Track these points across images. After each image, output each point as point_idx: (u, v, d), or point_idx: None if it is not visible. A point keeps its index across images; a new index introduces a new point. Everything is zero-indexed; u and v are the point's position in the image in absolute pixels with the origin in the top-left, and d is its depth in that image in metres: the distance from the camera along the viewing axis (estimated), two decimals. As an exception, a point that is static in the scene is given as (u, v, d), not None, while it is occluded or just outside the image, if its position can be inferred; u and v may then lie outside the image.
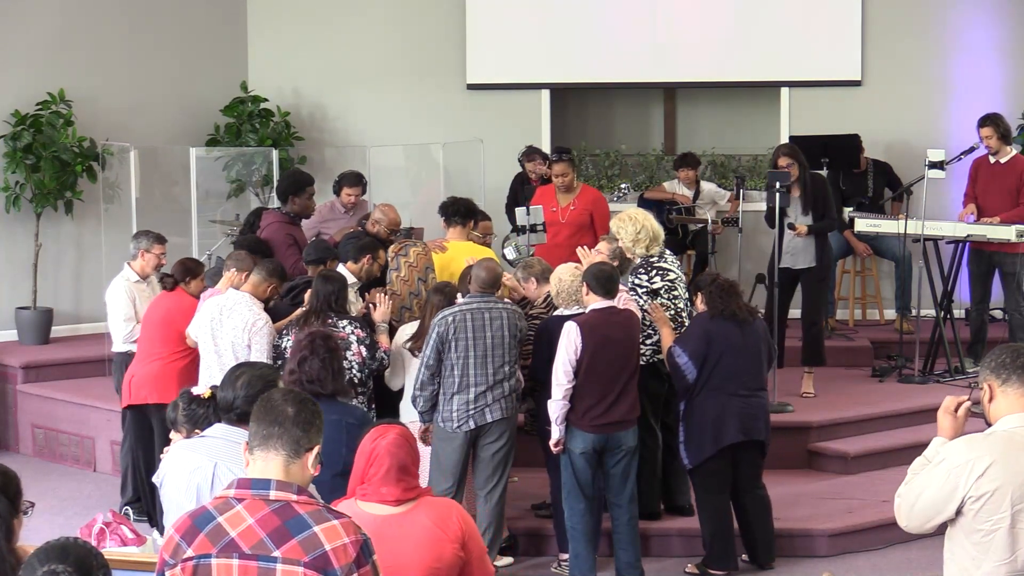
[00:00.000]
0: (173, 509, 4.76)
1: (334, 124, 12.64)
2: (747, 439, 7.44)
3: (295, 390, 3.92)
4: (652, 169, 12.60)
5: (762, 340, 7.57)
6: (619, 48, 12.31)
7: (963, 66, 12.04)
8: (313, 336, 6.34)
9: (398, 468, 4.46)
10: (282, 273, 7.83)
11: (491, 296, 7.39)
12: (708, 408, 7.40)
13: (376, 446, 4.50)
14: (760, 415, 7.54)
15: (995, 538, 4.11)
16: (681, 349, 7.41)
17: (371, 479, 4.48)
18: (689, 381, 7.40)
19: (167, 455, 5.03)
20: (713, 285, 7.52)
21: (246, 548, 3.51)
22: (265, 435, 3.65)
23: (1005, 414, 4.20)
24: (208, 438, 4.78)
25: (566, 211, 9.44)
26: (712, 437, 7.39)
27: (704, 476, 7.48)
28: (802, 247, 9.52)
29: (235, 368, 4.93)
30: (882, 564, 7.80)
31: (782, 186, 9.33)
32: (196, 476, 4.71)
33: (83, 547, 3.35)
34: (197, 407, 5.19)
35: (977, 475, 4.10)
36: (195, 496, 4.67)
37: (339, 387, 6.19)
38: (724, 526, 7.53)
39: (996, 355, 4.26)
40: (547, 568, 7.73)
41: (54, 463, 10.06)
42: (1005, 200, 10.20)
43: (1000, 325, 10.85)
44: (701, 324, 7.48)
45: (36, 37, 11.31)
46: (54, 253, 11.36)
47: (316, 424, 3.69)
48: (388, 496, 4.44)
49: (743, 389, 7.44)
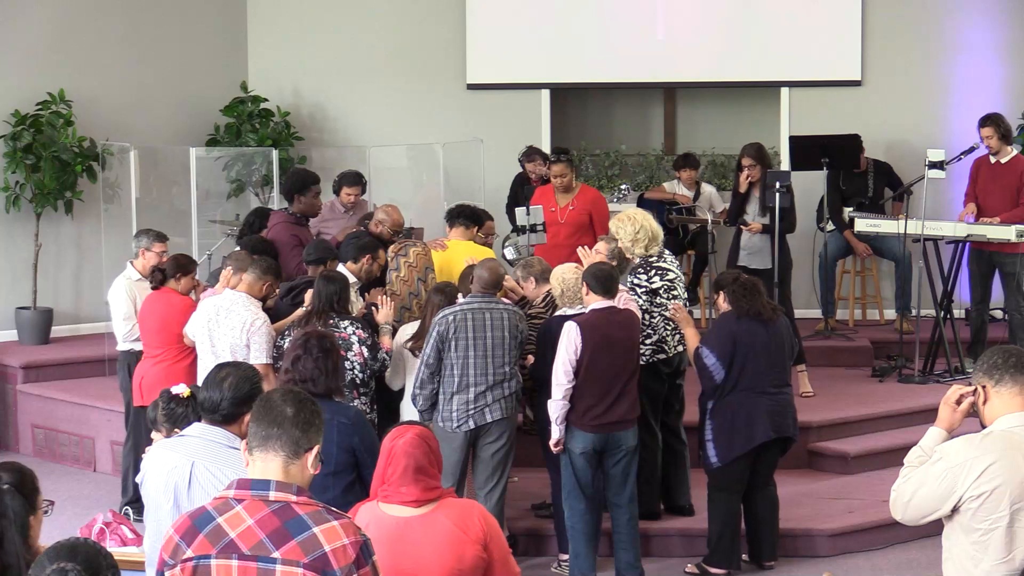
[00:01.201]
0: (152, 508, 4.78)
1: (334, 124, 12.64)
2: (778, 436, 7.46)
3: (295, 389, 3.90)
4: (652, 169, 12.60)
5: (786, 337, 7.59)
6: (619, 48, 12.31)
7: (963, 66, 12.04)
8: (308, 335, 6.34)
9: (415, 468, 4.46)
10: (277, 271, 7.80)
11: (492, 296, 7.40)
12: (739, 407, 7.40)
13: (394, 446, 4.50)
14: (788, 412, 7.57)
15: (993, 537, 4.12)
16: (709, 350, 7.41)
17: (390, 479, 4.48)
18: (717, 381, 7.40)
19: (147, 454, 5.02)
20: (736, 284, 7.52)
21: (245, 549, 3.51)
22: (264, 436, 3.64)
23: (1001, 414, 4.22)
24: (186, 437, 4.78)
25: (565, 211, 9.44)
26: (744, 436, 7.39)
27: (725, 474, 7.47)
28: (759, 247, 9.63)
29: (219, 368, 4.90)
30: (882, 564, 7.80)
31: (782, 186, 9.35)
32: (174, 475, 4.70)
33: (92, 547, 3.38)
34: (176, 406, 5.20)
35: (976, 475, 4.12)
36: (172, 495, 4.66)
37: (332, 386, 6.18)
38: (733, 525, 7.54)
39: (988, 357, 4.29)
40: (547, 568, 7.73)
41: (54, 463, 10.06)
42: (1005, 200, 10.20)
43: (1000, 325, 10.85)
44: (727, 324, 7.47)
45: (36, 37, 11.32)
46: (54, 253, 11.36)
47: (315, 424, 3.68)
48: (408, 496, 4.44)
49: (771, 387, 7.45)
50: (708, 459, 7.51)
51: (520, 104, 12.43)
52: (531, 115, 12.42)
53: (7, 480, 3.86)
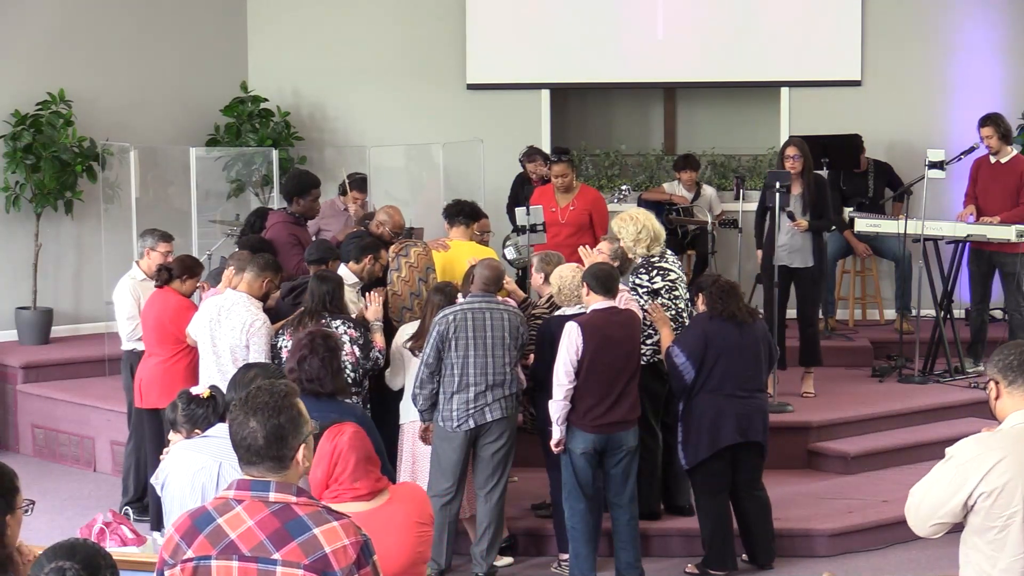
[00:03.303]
0: (177, 509, 4.77)
1: (334, 124, 12.64)
2: (744, 440, 7.44)
3: (257, 395, 3.60)
4: (652, 169, 12.60)
5: (762, 341, 7.56)
6: (619, 48, 12.32)
7: (963, 66, 12.04)
8: (313, 335, 6.35)
9: (365, 460, 4.54)
10: (275, 266, 7.79)
11: (492, 296, 7.40)
12: (705, 409, 7.39)
13: (337, 444, 4.58)
14: (758, 416, 7.51)
15: (1009, 534, 4.15)
16: (679, 349, 7.41)
17: (339, 478, 4.54)
18: (687, 381, 7.40)
19: (167, 456, 5.02)
20: (714, 286, 7.52)
21: (246, 550, 3.51)
22: (247, 460, 3.56)
23: (1012, 411, 4.24)
24: (211, 438, 4.79)
25: (565, 211, 9.44)
26: (709, 438, 7.38)
27: (702, 477, 7.48)
28: (800, 246, 9.52)
29: (246, 369, 4.93)
30: (882, 564, 7.80)
31: (782, 186, 9.33)
32: (201, 476, 4.71)
33: (91, 546, 3.39)
34: (196, 407, 5.19)
35: (986, 469, 4.14)
36: (200, 495, 4.68)
37: (339, 386, 6.21)
38: (723, 527, 7.53)
39: (1004, 355, 4.28)
40: (547, 568, 7.74)
41: (54, 463, 10.06)
42: (1006, 200, 10.20)
43: (1000, 325, 10.85)
44: (700, 324, 7.48)
45: (36, 37, 11.31)
46: (54, 253, 11.36)
47: (291, 428, 3.55)
48: (361, 490, 4.51)
49: (741, 390, 7.43)
50: (681, 461, 7.55)
51: (520, 104, 12.43)
52: (531, 115, 12.41)
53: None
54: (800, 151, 9.47)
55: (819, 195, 9.50)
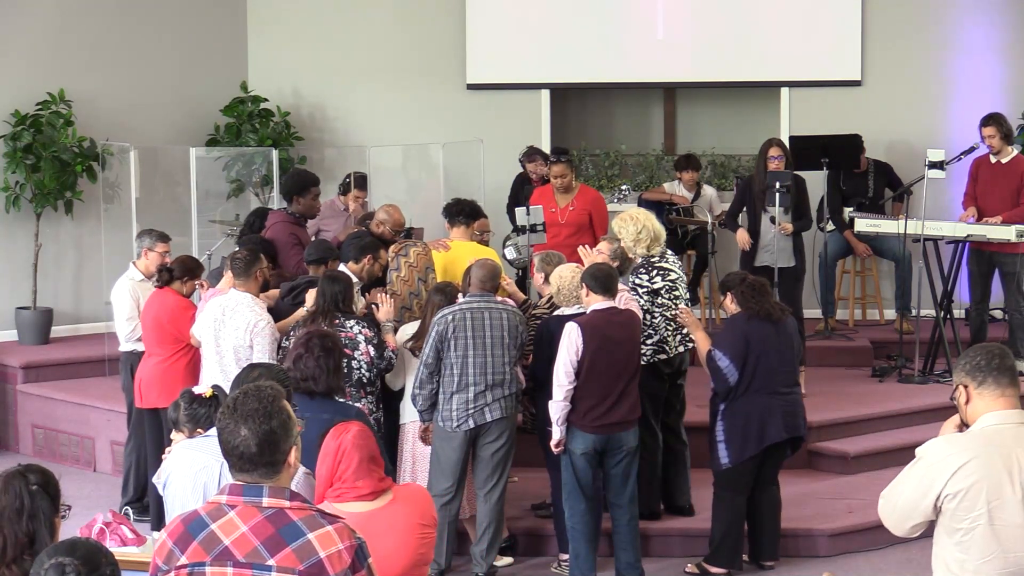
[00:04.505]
0: (178, 508, 4.77)
1: (334, 124, 12.64)
2: (790, 436, 7.47)
3: (245, 401, 3.54)
4: (652, 169, 12.60)
5: (794, 336, 7.60)
6: (619, 48, 12.31)
7: (963, 66, 12.04)
8: (310, 335, 6.36)
9: (368, 460, 4.53)
10: (257, 257, 7.77)
11: (491, 296, 7.39)
12: (752, 408, 7.39)
13: (341, 442, 4.57)
14: (799, 411, 7.59)
15: (974, 536, 4.12)
16: (722, 352, 7.40)
17: (343, 476, 4.53)
18: (732, 383, 7.38)
19: (169, 455, 5.02)
20: (744, 285, 7.52)
21: (240, 556, 3.47)
22: (240, 468, 3.53)
23: (982, 414, 4.22)
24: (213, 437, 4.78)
25: (565, 211, 9.44)
26: (757, 436, 7.39)
27: (734, 475, 7.46)
28: (783, 245, 9.58)
29: (251, 368, 4.93)
30: (882, 564, 7.80)
31: (782, 186, 9.35)
32: (203, 475, 4.72)
33: (92, 544, 3.41)
34: (199, 407, 5.20)
35: (953, 470, 4.11)
36: (202, 495, 4.69)
37: (334, 385, 6.19)
38: (738, 525, 7.54)
39: (970, 357, 4.26)
40: (547, 568, 7.74)
41: (54, 463, 10.03)
42: (1006, 200, 10.20)
43: (1000, 325, 10.85)
44: (739, 325, 7.47)
45: (36, 37, 11.31)
46: (54, 253, 11.35)
47: (283, 432, 3.51)
48: (364, 489, 4.50)
49: (782, 387, 7.46)
50: (718, 460, 7.49)
51: (520, 104, 12.42)
52: (531, 115, 12.41)
53: (35, 481, 3.88)
54: (783, 151, 9.60)
55: (800, 195, 9.58)
